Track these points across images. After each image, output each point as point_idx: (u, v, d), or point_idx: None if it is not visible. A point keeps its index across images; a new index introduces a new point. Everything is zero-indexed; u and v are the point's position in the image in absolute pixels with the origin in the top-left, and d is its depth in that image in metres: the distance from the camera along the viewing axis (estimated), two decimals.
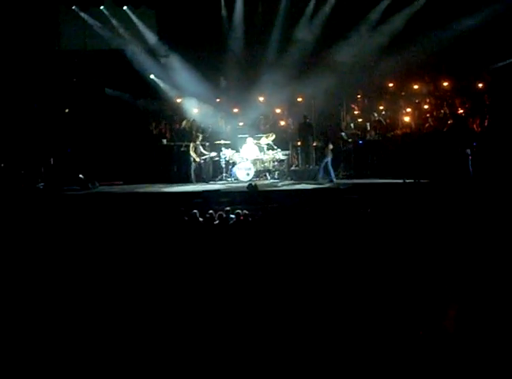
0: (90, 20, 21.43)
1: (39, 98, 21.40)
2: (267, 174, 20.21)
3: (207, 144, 20.51)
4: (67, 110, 21.81)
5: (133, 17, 21.63)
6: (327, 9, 21.25)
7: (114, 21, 21.64)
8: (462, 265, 6.98)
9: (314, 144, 20.40)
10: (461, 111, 20.06)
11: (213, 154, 20.27)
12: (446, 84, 21.33)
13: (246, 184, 18.00)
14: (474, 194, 14.54)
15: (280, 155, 20.11)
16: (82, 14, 21.32)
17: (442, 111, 20.41)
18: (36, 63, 21.09)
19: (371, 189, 16.76)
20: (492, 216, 10.75)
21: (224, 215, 12.68)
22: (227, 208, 13.44)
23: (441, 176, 17.42)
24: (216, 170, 20.53)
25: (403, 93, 21.75)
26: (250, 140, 20.08)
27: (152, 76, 21.86)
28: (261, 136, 20.37)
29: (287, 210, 13.67)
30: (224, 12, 21.82)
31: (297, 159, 20.85)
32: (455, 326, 4.94)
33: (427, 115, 20.53)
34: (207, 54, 21.57)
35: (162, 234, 10.18)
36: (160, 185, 19.08)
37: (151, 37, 22.00)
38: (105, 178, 20.02)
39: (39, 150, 20.39)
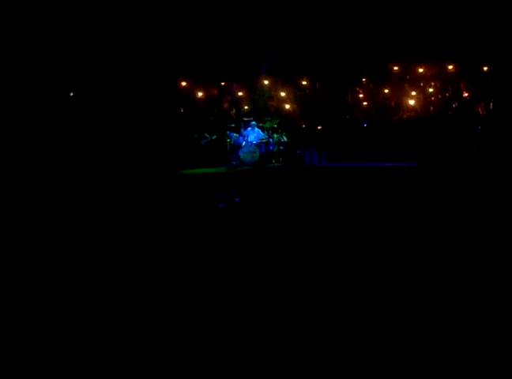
0: None
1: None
2: (272, 159, 20.24)
3: (212, 127, 20.56)
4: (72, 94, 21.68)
5: None
6: None
7: None
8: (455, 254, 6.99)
9: (319, 128, 20.41)
10: (466, 95, 20.03)
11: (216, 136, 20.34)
12: (450, 67, 21.24)
13: (251, 167, 18.07)
14: (474, 178, 14.53)
15: (285, 138, 20.13)
16: None
17: (447, 95, 20.37)
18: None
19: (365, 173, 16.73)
20: (488, 201, 10.78)
21: (230, 199, 12.74)
22: (233, 192, 13.50)
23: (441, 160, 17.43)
24: (221, 153, 20.54)
25: (408, 77, 21.67)
26: (255, 124, 20.09)
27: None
28: (267, 120, 20.38)
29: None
30: None
31: (301, 143, 20.85)
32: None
33: (432, 99, 20.49)
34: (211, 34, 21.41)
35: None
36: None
37: None
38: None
39: None
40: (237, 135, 20.30)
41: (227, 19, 20.74)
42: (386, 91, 21.34)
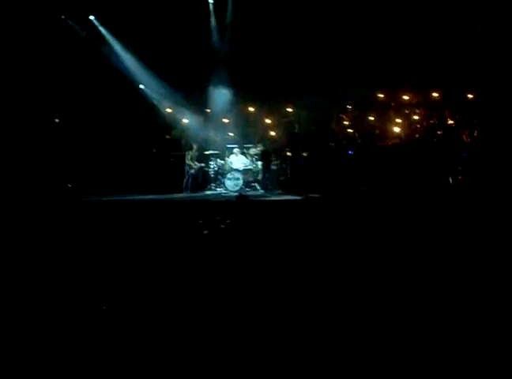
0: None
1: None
2: (256, 185, 20.14)
3: (197, 153, 20.49)
4: (57, 120, 21.67)
5: None
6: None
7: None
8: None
9: (304, 155, 20.37)
10: (451, 122, 20.06)
11: (203, 164, 20.26)
12: (435, 94, 21.32)
13: (235, 194, 17.93)
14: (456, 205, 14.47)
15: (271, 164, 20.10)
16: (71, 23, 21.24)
17: (432, 122, 20.42)
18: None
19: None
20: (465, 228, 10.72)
21: (214, 225, 12.62)
22: (217, 218, 13.38)
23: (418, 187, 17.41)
24: (206, 180, 20.49)
25: (392, 104, 21.74)
26: (239, 151, 20.07)
27: (141, 86, 21.81)
28: (251, 147, 20.37)
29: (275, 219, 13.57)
30: (212, 21, 21.73)
31: (286, 170, 20.81)
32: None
33: (417, 126, 20.53)
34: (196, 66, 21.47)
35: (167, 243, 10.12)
36: (152, 196, 18.91)
37: None
38: (94, 188, 19.80)
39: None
40: (221, 162, 20.26)
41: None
42: (371, 118, 21.37)
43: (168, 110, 22.02)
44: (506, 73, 19.23)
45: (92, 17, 21.40)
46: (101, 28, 21.55)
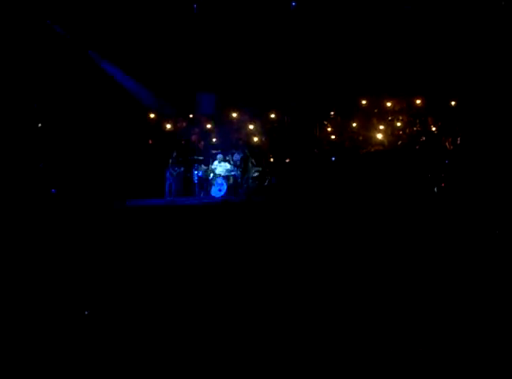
0: None
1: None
2: (240, 191, 20.09)
3: (180, 159, 20.40)
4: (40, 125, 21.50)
5: None
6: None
7: None
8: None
9: (287, 161, 20.34)
10: (434, 129, 20.13)
11: (183, 169, 20.21)
12: (418, 101, 21.38)
13: (219, 200, 17.97)
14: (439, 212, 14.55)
15: (252, 171, 20.05)
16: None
17: (415, 129, 20.47)
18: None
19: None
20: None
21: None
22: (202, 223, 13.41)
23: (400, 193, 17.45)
24: (189, 186, 20.41)
25: (376, 110, 21.77)
26: (222, 157, 20.04)
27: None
28: (234, 153, 20.33)
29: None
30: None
31: (269, 176, 20.76)
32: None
33: (400, 133, 20.57)
34: (181, 69, 21.39)
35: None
36: (134, 200, 18.80)
37: None
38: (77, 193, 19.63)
39: None
40: (205, 167, 20.20)
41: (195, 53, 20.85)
42: (354, 125, 21.39)
43: (151, 115, 21.89)
44: (488, 80, 19.34)
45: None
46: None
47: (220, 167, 19.96)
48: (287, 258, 8.68)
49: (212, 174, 19.96)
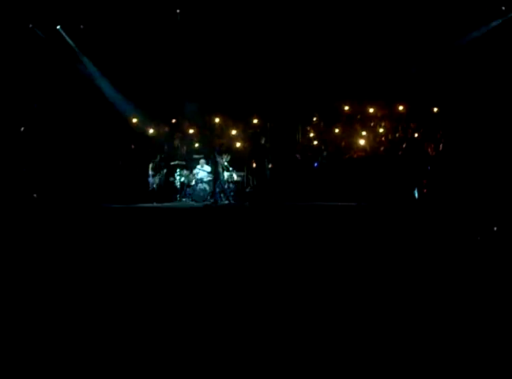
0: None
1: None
2: (222, 195, 20.03)
3: (162, 164, 20.34)
4: (22, 129, 21.34)
5: None
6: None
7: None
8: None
9: (270, 166, 20.30)
10: (416, 135, 20.18)
11: (165, 171, 20.18)
12: (401, 108, 21.44)
13: (201, 205, 17.90)
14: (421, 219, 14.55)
15: (234, 176, 20.02)
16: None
17: (397, 135, 20.52)
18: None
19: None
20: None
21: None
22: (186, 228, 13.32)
23: (384, 199, 17.47)
24: (171, 190, 20.35)
25: (358, 116, 21.80)
26: (204, 161, 20.00)
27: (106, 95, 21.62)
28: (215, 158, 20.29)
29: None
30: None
31: (252, 181, 20.74)
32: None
33: (382, 139, 20.61)
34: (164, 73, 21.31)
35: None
36: (118, 205, 18.65)
37: None
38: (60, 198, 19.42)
39: None
40: (187, 172, 20.14)
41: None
42: (337, 130, 21.42)
43: (134, 120, 21.81)
44: (470, 87, 19.43)
45: (58, 27, 21.06)
46: (67, 38, 21.22)
47: (203, 172, 19.90)
48: (269, 263, 8.61)
49: (194, 180, 19.90)
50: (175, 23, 20.96)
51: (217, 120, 21.75)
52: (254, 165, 20.46)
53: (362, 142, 20.53)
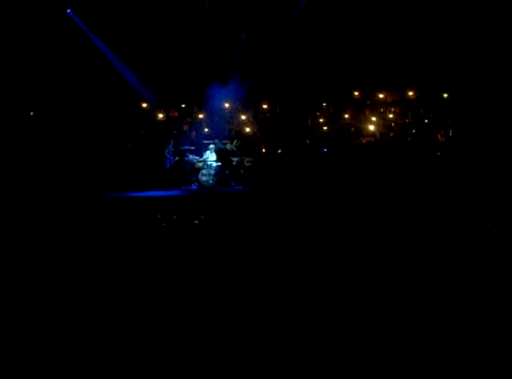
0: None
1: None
2: (231, 181, 20.07)
3: (172, 149, 20.38)
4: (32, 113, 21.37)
5: None
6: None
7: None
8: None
9: (279, 151, 20.34)
10: (426, 121, 20.15)
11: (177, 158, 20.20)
12: (410, 93, 21.37)
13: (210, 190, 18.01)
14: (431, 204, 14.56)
15: (244, 161, 20.03)
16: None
17: (407, 121, 20.49)
18: None
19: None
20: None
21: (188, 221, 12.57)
22: (192, 214, 13.33)
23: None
24: (181, 175, 20.36)
25: (368, 102, 21.76)
26: (214, 147, 20.01)
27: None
28: (227, 143, 20.30)
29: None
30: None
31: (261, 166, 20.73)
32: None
33: (392, 124, 20.58)
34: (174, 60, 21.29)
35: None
36: (129, 191, 18.67)
37: None
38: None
39: None
40: (197, 157, 20.17)
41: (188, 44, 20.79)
42: (346, 116, 21.39)
43: (144, 104, 21.82)
44: (480, 73, 19.36)
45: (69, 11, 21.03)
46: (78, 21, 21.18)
47: (212, 157, 19.92)
48: (277, 250, 8.66)
49: (203, 165, 19.92)
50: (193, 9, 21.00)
51: (227, 105, 21.73)
52: (264, 150, 20.51)
53: (371, 128, 20.50)
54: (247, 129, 21.45)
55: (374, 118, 20.99)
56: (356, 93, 21.92)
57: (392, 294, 6.11)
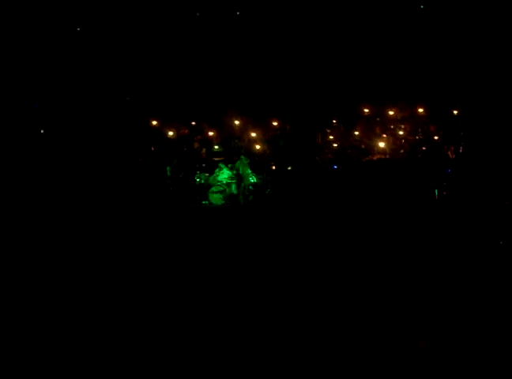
0: None
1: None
2: (241, 198, 20.04)
3: (180, 167, 20.40)
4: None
5: None
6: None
7: None
8: None
9: (289, 169, 20.30)
10: (436, 138, 20.11)
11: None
12: (421, 110, 21.34)
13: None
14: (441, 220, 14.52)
15: (254, 179, 20.02)
16: None
17: (417, 138, 20.44)
18: None
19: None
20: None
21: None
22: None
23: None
24: (191, 193, 20.35)
25: (378, 119, 21.73)
26: (224, 164, 20.02)
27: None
28: (236, 160, 20.31)
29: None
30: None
31: (271, 184, 20.70)
32: None
33: (402, 141, 20.53)
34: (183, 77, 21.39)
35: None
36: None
37: None
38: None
39: None
40: (206, 175, 20.18)
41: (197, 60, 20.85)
42: (356, 133, 21.35)
43: (154, 122, 21.85)
44: (491, 89, 19.33)
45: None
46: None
47: (222, 175, 19.92)
48: (286, 265, 8.65)
49: (212, 182, 19.92)
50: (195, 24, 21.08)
51: (237, 122, 21.74)
52: (274, 167, 20.48)
53: (382, 145, 20.44)
54: (257, 147, 21.42)
55: (384, 135, 20.94)
56: (366, 110, 21.88)
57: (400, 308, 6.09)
